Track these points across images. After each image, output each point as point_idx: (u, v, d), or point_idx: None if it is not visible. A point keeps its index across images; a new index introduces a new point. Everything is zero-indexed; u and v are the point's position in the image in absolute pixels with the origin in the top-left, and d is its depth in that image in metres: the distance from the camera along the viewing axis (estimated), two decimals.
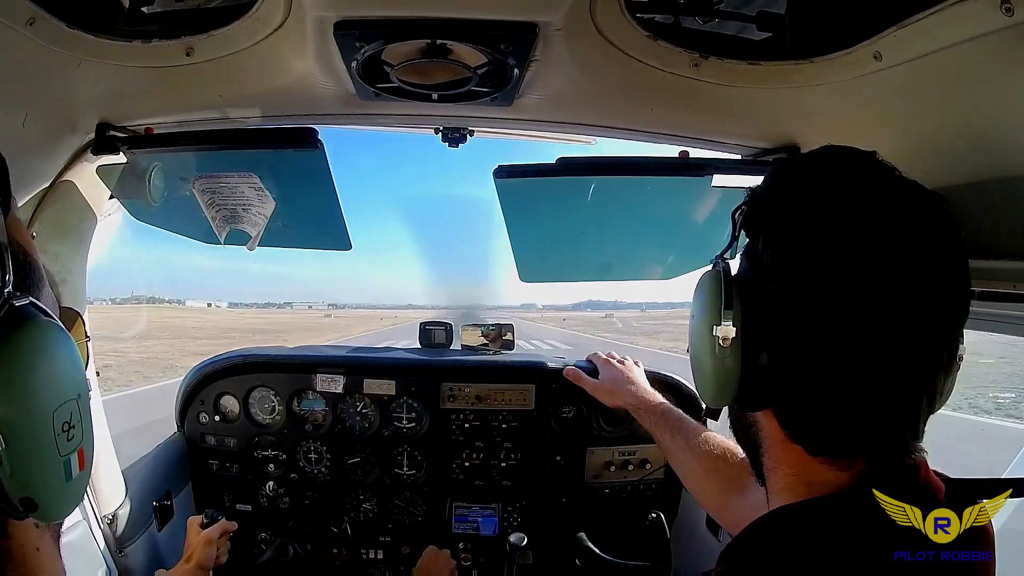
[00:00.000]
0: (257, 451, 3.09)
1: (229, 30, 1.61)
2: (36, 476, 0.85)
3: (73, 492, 0.93)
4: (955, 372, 1.03)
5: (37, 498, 0.85)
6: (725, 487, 2.01)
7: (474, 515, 3.10)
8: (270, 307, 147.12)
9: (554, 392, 3.01)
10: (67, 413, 0.89)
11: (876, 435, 1.02)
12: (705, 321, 1.10)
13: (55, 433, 0.87)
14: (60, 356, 0.90)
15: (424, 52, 1.67)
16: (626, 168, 2.31)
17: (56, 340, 0.90)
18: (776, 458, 1.12)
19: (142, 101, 2.03)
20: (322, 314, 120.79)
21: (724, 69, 1.68)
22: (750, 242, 1.12)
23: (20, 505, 0.83)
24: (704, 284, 1.14)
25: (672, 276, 2.75)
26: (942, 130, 1.50)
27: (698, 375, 1.18)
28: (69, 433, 0.89)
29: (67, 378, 0.91)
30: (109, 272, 2.43)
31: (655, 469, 3.01)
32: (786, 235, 1.02)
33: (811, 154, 1.13)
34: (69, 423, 0.90)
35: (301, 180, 2.42)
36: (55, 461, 0.87)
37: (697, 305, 1.17)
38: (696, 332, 1.16)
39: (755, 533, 1.10)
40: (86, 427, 0.95)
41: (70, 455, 0.90)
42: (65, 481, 0.90)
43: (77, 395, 0.92)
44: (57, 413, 0.87)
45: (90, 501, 2.39)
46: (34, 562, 0.92)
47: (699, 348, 1.14)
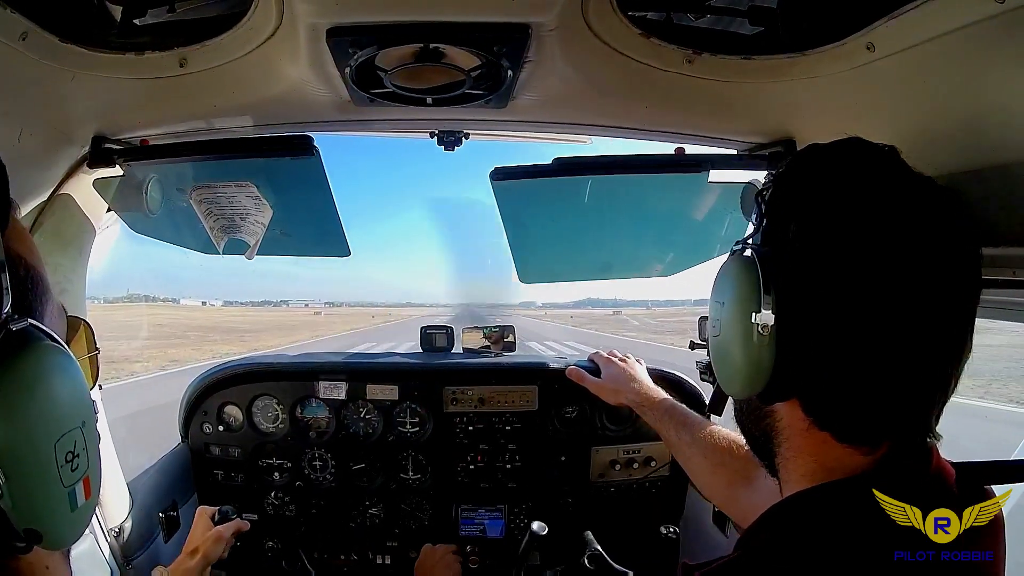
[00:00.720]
0: (262, 460, 3.09)
1: (222, 39, 1.62)
2: (39, 508, 0.83)
3: (79, 520, 0.91)
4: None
5: (42, 529, 0.83)
6: (733, 480, 2.00)
7: (480, 517, 3.10)
8: (266, 305, 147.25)
9: (557, 392, 3.01)
10: (70, 443, 0.87)
11: (904, 419, 1.03)
12: (739, 309, 1.08)
13: (58, 465, 0.84)
14: (61, 382, 0.87)
15: (417, 56, 1.68)
16: (623, 166, 2.31)
17: (57, 365, 0.87)
18: (796, 447, 1.12)
19: (137, 113, 2.03)
20: (312, 311, 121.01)
21: (717, 65, 1.69)
22: (776, 228, 1.10)
23: (24, 536, 0.81)
24: (734, 271, 1.12)
25: (671, 273, 2.76)
26: (938, 119, 1.50)
27: (727, 365, 1.16)
28: (73, 463, 0.87)
29: (69, 405, 0.88)
30: (102, 272, 2.42)
31: (660, 466, 3.01)
32: (824, 223, 1.02)
33: (838, 145, 1.12)
34: (73, 452, 0.87)
35: (298, 188, 2.43)
36: (59, 492, 0.85)
37: (726, 292, 1.15)
38: (728, 321, 1.14)
39: (773, 519, 1.10)
40: (92, 455, 0.92)
41: (75, 485, 0.88)
42: (71, 511, 0.88)
43: (82, 423, 0.90)
44: (59, 444, 0.85)
45: (96, 515, 2.38)
46: None
47: (731, 337, 1.12)
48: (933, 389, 1.02)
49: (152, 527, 2.70)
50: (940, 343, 0.99)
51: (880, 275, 0.98)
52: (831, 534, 0.99)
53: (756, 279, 1.05)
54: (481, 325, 3.44)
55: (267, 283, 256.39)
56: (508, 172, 2.28)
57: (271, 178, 2.35)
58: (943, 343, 1.00)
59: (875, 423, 1.03)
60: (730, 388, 1.19)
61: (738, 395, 1.20)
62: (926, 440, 1.06)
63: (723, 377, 1.21)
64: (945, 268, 0.99)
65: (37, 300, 0.93)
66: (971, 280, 1.02)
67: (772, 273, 1.04)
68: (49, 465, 0.83)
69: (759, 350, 1.05)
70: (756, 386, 1.09)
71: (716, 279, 1.23)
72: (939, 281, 0.98)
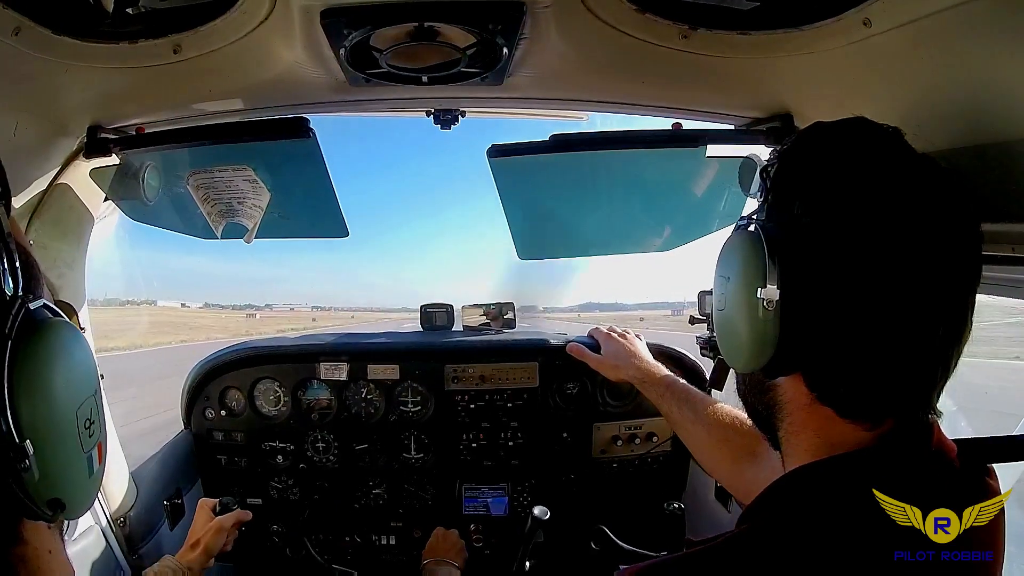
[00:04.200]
0: (265, 443, 3.11)
1: (215, 25, 1.60)
2: (64, 476, 0.88)
3: (93, 487, 0.97)
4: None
5: (64, 497, 0.87)
6: (736, 456, 2.01)
7: (484, 496, 3.12)
8: (250, 308, 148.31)
9: (558, 369, 3.03)
10: (88, 410, 0.92)
11: (906, 396, 1.04)
12: (744, 283, 1.09)
13: (79, 431, 0.89)
14: (76, 355, 0.92)
15: (412, 35, 1.67)
16: (620, 142, 2.31)
17: (71, 339, 0.92)
18: (800, 422, 1.13)
19: (132, 101, 2.03)
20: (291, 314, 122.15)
21: (714, 40, 1.67)
22: (781, 204, 1.11)
23: (48, 507, 0.86)
24: (739, 245, 1.13)
25: (670, 248, 2.75)
26: (935, 95, 1.49)
27: (732, 340, 1.17)
28: (90, 430, 0.92)
29: (84, 375, 0.93)
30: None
31: (662, 442, 3.03)
32: (829, 200, 1.03)
33: (843, 124, 1.12)
34: (90, 419, 0.93)
35: (295, 170, 2.42)
36: (80, 458, 0.91)
37: (731, 267, 1.16)
38: (733, 294, 1.15)
39: (777, 492, 1.11)
40: (102, 421, 0.98)
41: (91, 450, 0.93)
42: (88, 477, 0.93)
43: (93, 391, 0.95)
44: (80, 411, 0.90)
45: (102, 505, 2.40)
46: (48, 565, 0.93)
47: (736, 311, 1.13)
48: (935, 366, 1.03)
49: (157, 515, 2.72)
50: (942, 321, 1.00)
51: (883, 252, 0.99)
52: (831, 525, 1.00)
53: (761, 254, 1.05)
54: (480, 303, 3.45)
55: (258, 287, 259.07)
56: (505, 149, 2.27)
57: (268, 161, 2.34)
58: (945, 321, 1.00)
59: (877, 399, 1.04)
60: (735, 362, 1.21)
61: (742, 369, 1.21)
62: (927, 417, 1.07)
63: (728, 351, 1.22)
64: (946, 247, 0.99)
65: (38, 285, 0.98)
66: (971, 259, 1.03)
67: (777, 248, 1.05)
68: (73, 433, 0.89)
69: (764, 324, 1.06)
70: (761, 360, 1.10)
71: (721, 254, 1.23)
72: (940, 259, 0.99)
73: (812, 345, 1.05)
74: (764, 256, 1.05)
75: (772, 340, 1.06)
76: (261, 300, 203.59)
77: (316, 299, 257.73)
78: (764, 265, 1.05)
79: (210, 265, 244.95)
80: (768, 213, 1.13)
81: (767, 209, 1.14)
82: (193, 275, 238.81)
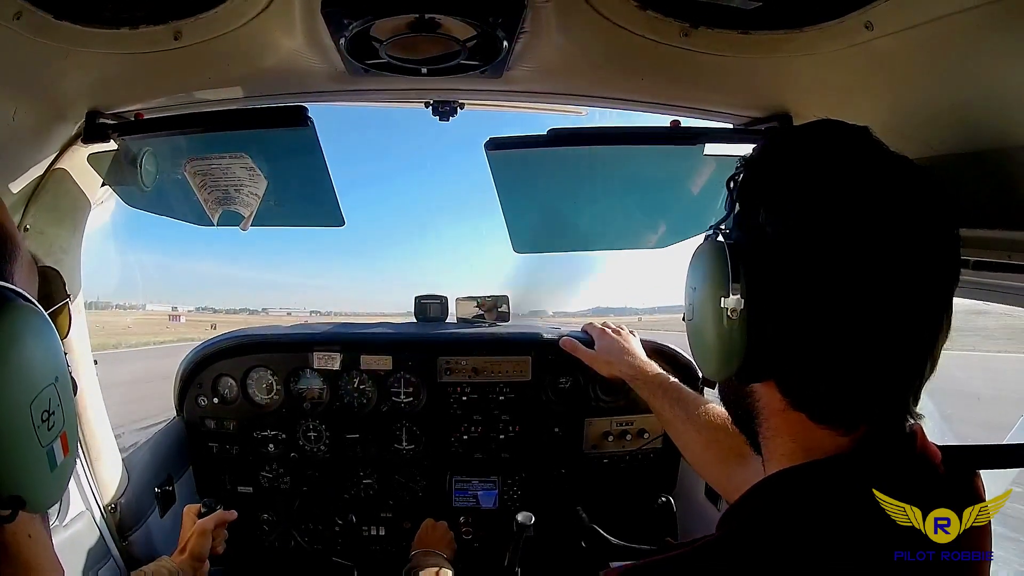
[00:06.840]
0: (256, 432, 3.10)
1: (217, 12, 1.60)
2: (20, 472, 0.83)
3: (59, 479, 0.92)
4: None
5: (24, 493, 0.83)
6: (725, 457, 2.02)
7: (474, 488, 3.13)
8: (244, 312, 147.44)
9: (551, 363, 3.03)
10: (45, 400, 0.87)
11: (880, 402, 1.04)
12: (710, 293, 1.10)
13: (34, 425, 0.84)
14: (34, 342, 0.86)
15: (412, 26, 1.67)
16: (618, 138, 2.32)
17: (29, 325, 0.86)
18: (775, 427, 1.13)
19: (131, 87, 2.02)
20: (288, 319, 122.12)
21: (714, 38, 1.68)
22: (747, 212, 1.11)
23: (7, 504, 0.81)
24: (705, 255, 1.13)
25: (665, 245, 2.75)
26: (935, 100, 1.50)
27: (700, 348, 1.18)
28: (49, 422, 0.87)
29: (43, 363, 0.88)
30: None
31: (653, 439, 3.04)
32: (792, 207, 1.03)
33: (809, 127, 1.13)
34: (48, 410, 0.87)
35: (292, 158, 2.42)
36: (38, 454, 0.86)
37: (698, 276, 1.17)
38: (699, 304, 1.16)
39: (754, 497, 1.12)
40: (67, 408, 0.93)
41: (52, 443, 0.88)
42: (50, 471, 0.88)
43: (55, 378, 0.90)
44: (35, 404, 0.84)
45: (92, 491, 2.40)
46: (29, 550, 0.91)
47: (702, 320, 1.14)
48: (908, 373, 1.02)
49: (148, 502, 2.72)
50: (913, 326, 1.00)
51: (847, 258, 0.98)
52: (826, 527, 1.00)
53: (725, 264, 1.07)
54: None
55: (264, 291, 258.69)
56: (503, 143, 2.27)
57: (266, 149, 2.34)
58: (917, 326, 1.00)
59: (848, 405, 1.04)
60: (705, 370, 1.21)
61: (713, 377, 1.21)
62: (905, 422, 1.07)
63: (698, 360, 1.23)
64: (918, 249, 0.98)
65: (5, 258, 0.91)
66: (947, 261, 1.01)
67: (741, 258, 1.06)
68: (26, 428, 0.83)
69: (730, 334, 1.07)
70: (729, 368, 1.11)
71: (689, 264, 1.24)
72: (911, 262, 0.98)
73: (781, 353, 1.05)
74: (727, 266, 1.06)
75: (739, 349, 1.08)
76: (258, 304, 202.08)
77: (313, 304, 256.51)
78: (727, 275, 1.06)
79: (206, 269, 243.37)
80: (734, 221, 1.15)
81: (734, 218, 1.15)
82: (192, 277, 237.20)
